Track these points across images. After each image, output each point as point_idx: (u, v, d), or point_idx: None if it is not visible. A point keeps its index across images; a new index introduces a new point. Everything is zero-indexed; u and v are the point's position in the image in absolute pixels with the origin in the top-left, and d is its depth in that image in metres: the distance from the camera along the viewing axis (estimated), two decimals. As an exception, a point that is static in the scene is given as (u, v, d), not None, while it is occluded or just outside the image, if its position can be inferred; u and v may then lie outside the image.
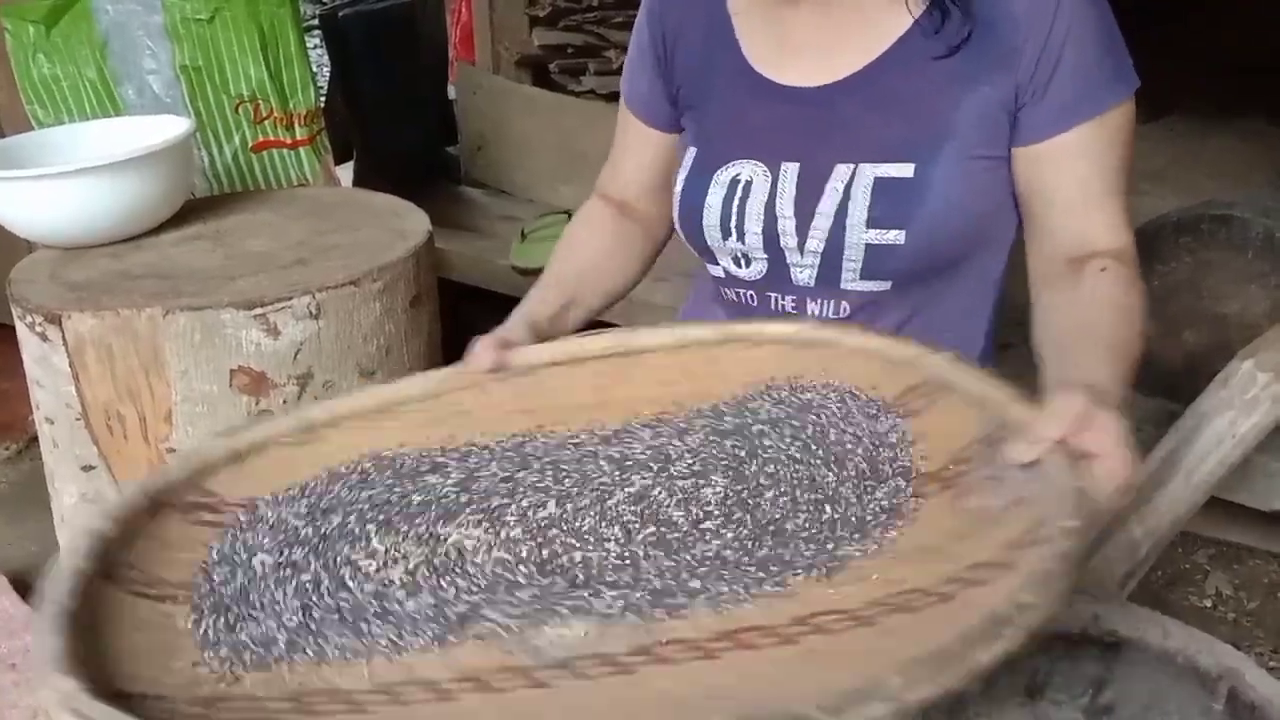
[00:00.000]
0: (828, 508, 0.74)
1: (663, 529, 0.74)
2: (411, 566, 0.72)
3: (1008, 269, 1.00)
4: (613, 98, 2.39)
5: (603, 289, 1.09)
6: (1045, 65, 0.88)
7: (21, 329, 1.32)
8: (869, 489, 0.75)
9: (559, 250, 1.12)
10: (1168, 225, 1.52)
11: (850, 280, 0.94)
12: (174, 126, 1.49)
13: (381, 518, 0.76)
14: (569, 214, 2.28)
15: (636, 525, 0.74)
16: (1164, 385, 1.59)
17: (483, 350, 0.90)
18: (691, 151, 1.02)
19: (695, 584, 0.68)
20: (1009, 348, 1.08)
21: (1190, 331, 1.55)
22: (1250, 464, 1.37)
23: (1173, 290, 1.54)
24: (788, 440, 0.81)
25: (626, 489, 0.78)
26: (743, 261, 0.99)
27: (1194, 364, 1.53)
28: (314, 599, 0.69)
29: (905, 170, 0.91)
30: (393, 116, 2.68)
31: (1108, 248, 0.90)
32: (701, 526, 0.74)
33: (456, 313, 1.94)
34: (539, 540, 0.74)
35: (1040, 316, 0.90)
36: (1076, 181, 0.91)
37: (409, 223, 1.51)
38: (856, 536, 0.71)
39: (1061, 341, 0.85)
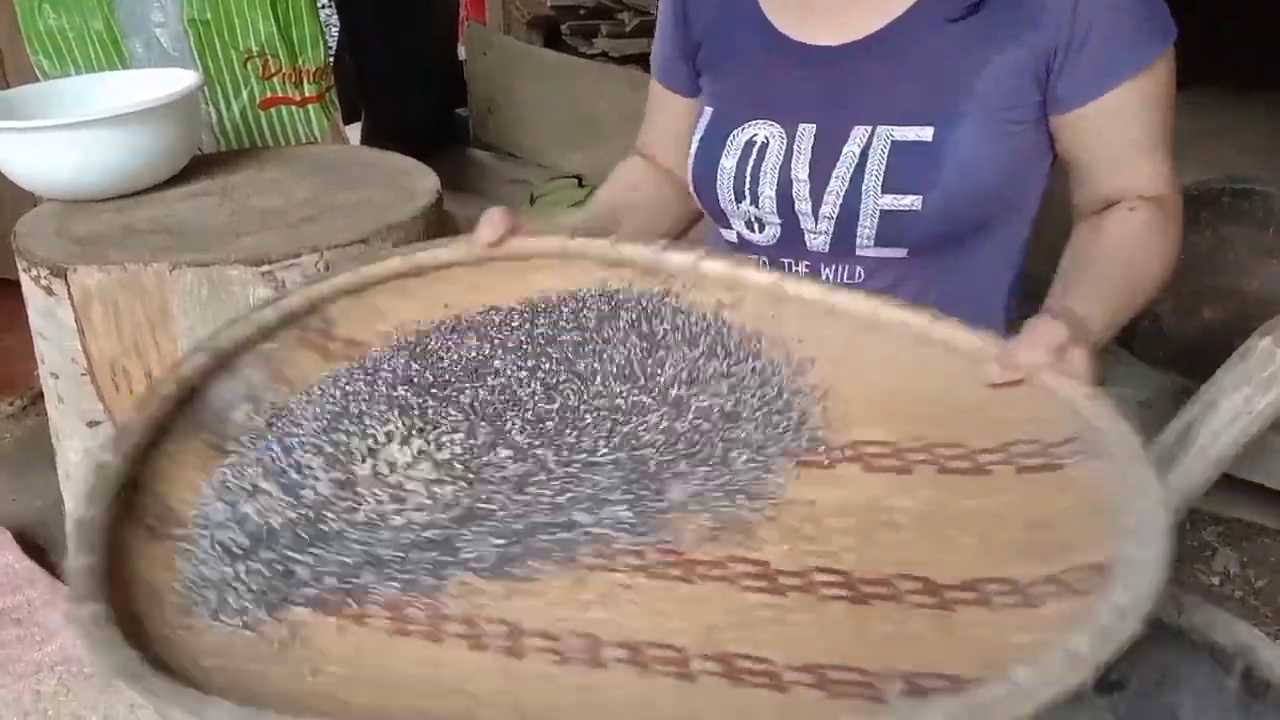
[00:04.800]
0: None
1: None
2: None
3: (1031, 237, 0.98)
4: (625, 60, 2.37)
5: (638, 226, 1.04)
6: (1080, 27, 0.85)
7: (26, 282, 1.30)
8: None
9: (600, 190, 1.09)
10: (1187, 199, 1.49)
11: (865, 246, 0.92)
12: (181, 80, 1.47)
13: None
14: (579, 179, 2.27)
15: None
16: (1181, 360, 1.57)
17: (487, 225, 0.85)
18: (708, 112, 1.00)
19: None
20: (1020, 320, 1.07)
21: (1209, 306, 1.53)
22: (1265, 442, 1.36)
23: (1192, 265, 1.52)
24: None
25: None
26: (756, 226, 0.97)
27: (1212, 339, 1.52)
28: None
29: (924, 134, 0.88)
30: (401, 77, 2.65)
31: (1146, 195, 0.90)
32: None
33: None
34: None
35: (1066, 250, 0.91)
36: (1117, 141, 0.89)
37: (418, 182, 1.49)
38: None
39: (1068, 269, 0.86)
